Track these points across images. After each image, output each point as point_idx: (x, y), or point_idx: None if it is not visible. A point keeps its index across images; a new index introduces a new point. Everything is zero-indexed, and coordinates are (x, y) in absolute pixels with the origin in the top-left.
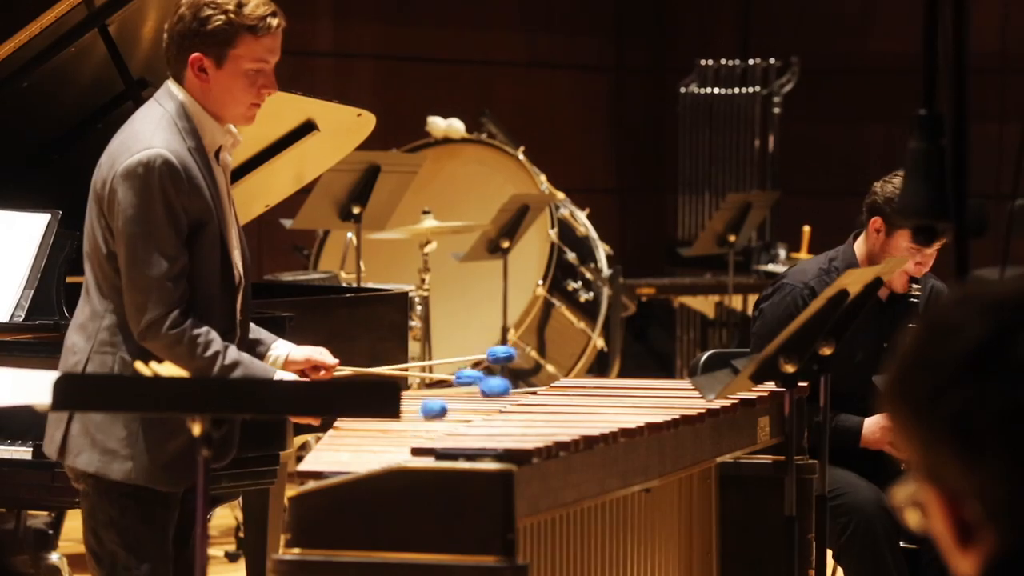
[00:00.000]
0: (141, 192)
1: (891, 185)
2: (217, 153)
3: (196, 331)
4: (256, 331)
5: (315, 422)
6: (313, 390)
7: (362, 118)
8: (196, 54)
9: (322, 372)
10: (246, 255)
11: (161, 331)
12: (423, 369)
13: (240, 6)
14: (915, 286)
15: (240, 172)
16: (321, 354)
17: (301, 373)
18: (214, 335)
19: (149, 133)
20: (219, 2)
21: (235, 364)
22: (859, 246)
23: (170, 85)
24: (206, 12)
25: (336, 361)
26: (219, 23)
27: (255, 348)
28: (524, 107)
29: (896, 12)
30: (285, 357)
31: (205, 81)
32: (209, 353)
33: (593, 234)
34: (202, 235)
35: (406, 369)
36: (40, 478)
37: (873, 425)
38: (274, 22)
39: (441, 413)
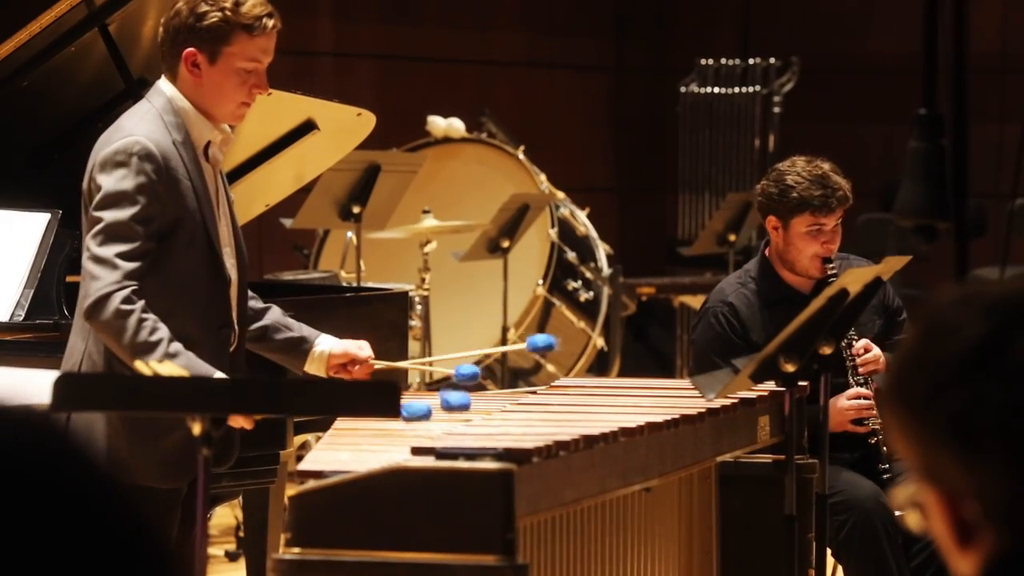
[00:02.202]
0: (117, 176)
1: (768, 181)
2: (206, 150)
3: (146, 314)
4: (299, 328)
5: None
6: (313, 390)
7: (362, 117)
8: (190, 49)
9: (357, 367)
10: (243, 253)
11: (109, 304)
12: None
13: (237, 4)
14: (830, 266)
15: (240, 171)
16: (360, 348)
17: (341, 368)
18: (163, 326)
19: (131, 125)
20: None
21: (176, 355)
22: (770, 253)
23: (160, 83)
24: (203, 8)
25: (369, 354)
26: (215, 20)
27: (300, 345)
28: (524, 107)
29: (896, 12)
30: (328, 352)
31: (197, 76)
32: (154, 338)
33: (593, 233)
34: (180, 229)
35: (431, 363)
36: None
37: (831, 409)
38: (270, 23)
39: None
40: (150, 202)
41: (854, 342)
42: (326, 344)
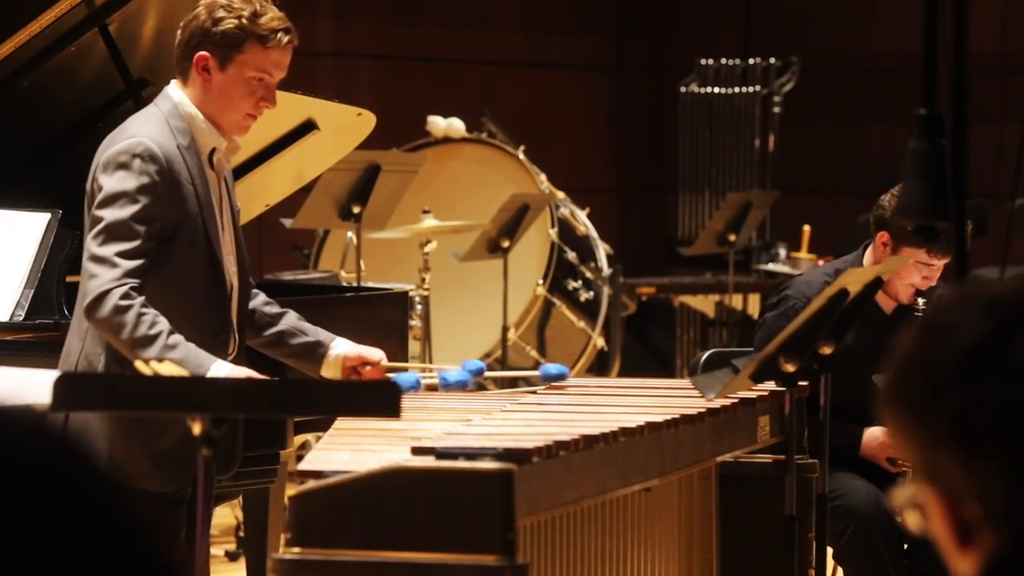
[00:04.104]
0: (120, 176)
1: (896, 198)
2: (211, 157)
3: (145, 309)
4: (314, 332)
5: None
6: (314, 390)
7: (362, 117)
8: (203, 53)
9: (368, 368)
10: (244, 261)
11: (108, 300)
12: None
13: (255, 15)
14: (921, 300)
15: (240, 172)
16: (371, 352)
17: (353, 370)
18: (163, 319)
19: (136, 127)
20: (236, 7)
21: (176, 345)
22: (868, 259)
23: (169, 87)
24: (220, 14)
25: (381, 356)
26: (231, 26)
27: (316, 350)
28: (524, 106)
29: (896, 12)
30: (343, 355)
31: (207, 81)
32: (153, 331)
33: (593, 233)
34: (181, 233)
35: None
36: None
37: (871, 440)
38: (285, 38)
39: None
40: (152, 202)
41: None
42: (341, 348)
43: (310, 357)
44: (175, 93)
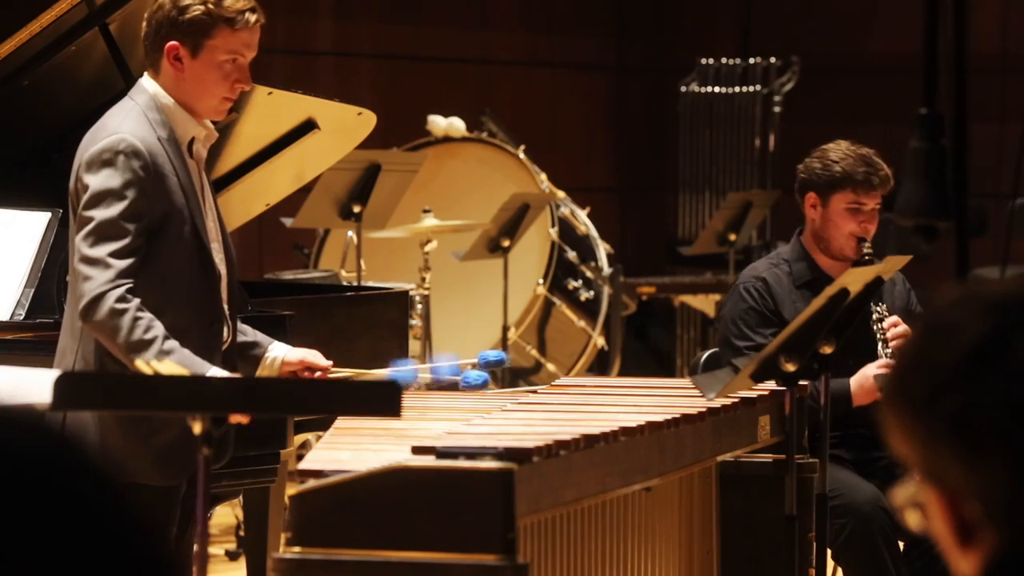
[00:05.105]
0: (105, 174)
1: (811, 158)
2: (190, 146)
3: (140, 312)
4: (253, 334)
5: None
6: (314, 389)
7: (363, 117)
8: (172, 42)
9: (317, 373)
10: (229, 249)
11: (104, 303)
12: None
13: None
14: (865, 245)
15: (241, 171)
16: (315, 356)
17: (295, 375)
18: (158, 323)
19: (116, 123)
20: None
21: (171, 351)
22: (805, 237)
23: (143, 80)
24: (186, 2)
25: (329, 363)
26: (197, 13)
27: (251, 350)
28: (524, 106)
29: (896, 12)
30: (282, 359)
31: (180, 71)
32: (148, 336)
33: (594, 233)
34: (169, 226)
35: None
36: None
37: (861, 379)
38: (252, 17)
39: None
40: (139, 198)
41: (885, 317)
42: (279, 351)
43: (245, 357)
44: (149, 85)
